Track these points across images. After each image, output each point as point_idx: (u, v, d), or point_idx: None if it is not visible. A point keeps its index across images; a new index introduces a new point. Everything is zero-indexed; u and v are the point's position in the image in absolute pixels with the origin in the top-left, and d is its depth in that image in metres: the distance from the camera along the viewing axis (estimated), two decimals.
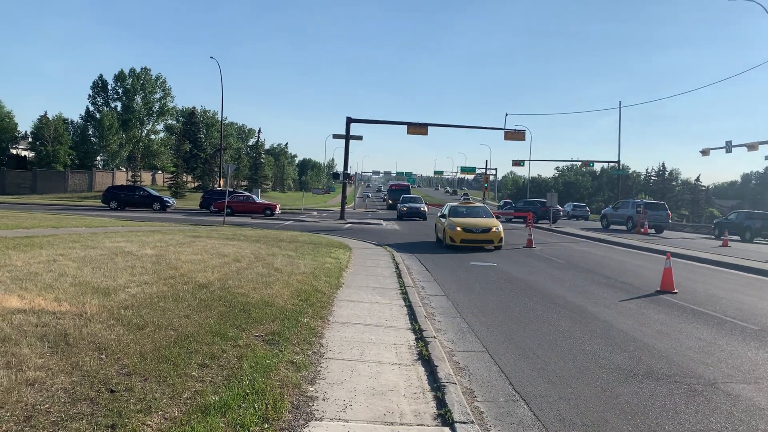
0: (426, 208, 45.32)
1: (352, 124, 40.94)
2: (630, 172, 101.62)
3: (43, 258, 10.67)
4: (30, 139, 67.21)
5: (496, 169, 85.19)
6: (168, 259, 11.73)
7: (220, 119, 71.30)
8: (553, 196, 42.89)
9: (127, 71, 78.88)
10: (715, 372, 6.67)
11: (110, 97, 79.11)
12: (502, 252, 20.37)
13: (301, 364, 5.85)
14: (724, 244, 28.35)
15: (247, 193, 46.90)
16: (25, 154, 68.33)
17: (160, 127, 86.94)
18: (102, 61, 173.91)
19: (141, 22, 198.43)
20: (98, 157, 76.00)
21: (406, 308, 9.51)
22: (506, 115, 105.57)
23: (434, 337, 7.52)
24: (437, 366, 6.18)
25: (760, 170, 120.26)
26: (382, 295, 10.62)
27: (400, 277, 12.98)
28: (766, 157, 50.19)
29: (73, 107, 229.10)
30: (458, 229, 20.37)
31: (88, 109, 75.54)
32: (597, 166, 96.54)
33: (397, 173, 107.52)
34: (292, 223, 33.73)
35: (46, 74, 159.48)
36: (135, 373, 4.85)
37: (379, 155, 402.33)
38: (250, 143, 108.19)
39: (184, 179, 69.17)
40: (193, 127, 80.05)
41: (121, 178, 66.74)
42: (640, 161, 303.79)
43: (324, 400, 5.01)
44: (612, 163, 66.75)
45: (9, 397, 4.06)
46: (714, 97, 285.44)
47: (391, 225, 35.15)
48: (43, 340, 5.36)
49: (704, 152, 43.44)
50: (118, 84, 78.76)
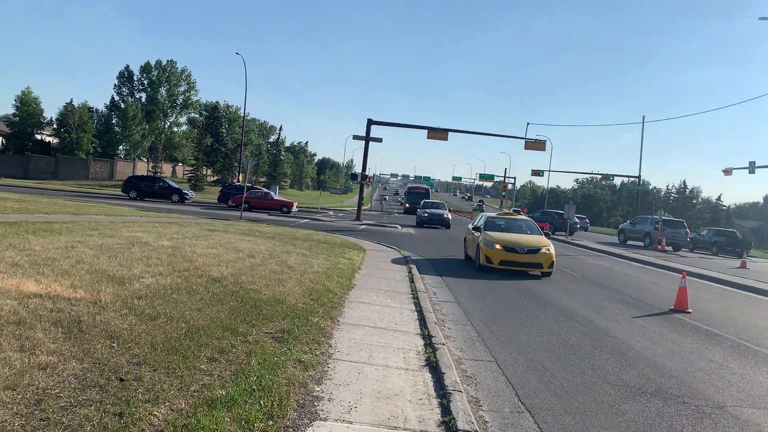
0: (450, 216, 40.94)
1: (373, 126, 41.00)
2: (650, 187, 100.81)
3: (61, 244, 10.82)
4: (55, 126, 68.06)
5: (514, 178, 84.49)
6: (183, 252, 11.84)
7: (242, 115, 71.68)
8: (571, 208, 42.59)
9: (153, 63, 79.68)
10: (724, 395, 6.60)
11: (135, 88, 79.84)
12: None
13: (309, 364, 5.89)
14: (743, 266, 27.99)
15: (265, 190, 47.15)
16: (49, 140, 69.22)
17: (183, 119, 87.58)
18: (129, 52, 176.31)
19: (169, 15, 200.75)
20: (120, 147, 76.72)
21: (416, 313, 9.51)
22: (527, 124, 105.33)
23: (443, 344, 7.52)
24: (444, 373, 6.18)
25: None
26: (393, 298, 10.63)
27: (412, 281, 12.98)
28: None
29: (99, 96, 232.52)
30: (497, 247, 16.24)
31: (113, 98, 76.22)
32: (617, 180, 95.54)
33: (415, 177, 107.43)
34: (308, 222, 33.85)
35: (74, 61, 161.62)
36: (145, 363, 4.92)
37: (398, 158, 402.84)
38: (271, 140, 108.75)
39: (204, 173, 69.64)
40: (215, 121, 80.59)
41: (142, 168, 67.40)
42: (661, 177, 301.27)
43: (329, 401, 5.04)
44: (632, 178, 66.15)
45: (21, 379, 4.14)
46: (739, 116, 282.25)
47: (407, 230, 35.08)
48: (57, 326, 5.45)
49: (727, 171, 42.97)
50: (144, 75, 79.45)
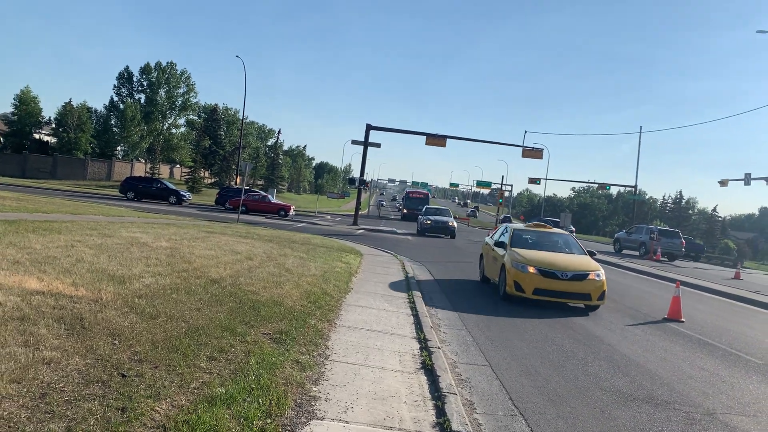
0: (455, 223, 37.79)
1: (372, 131, 41.14)
2: (646, 197, 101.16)
3: (61, 243, 10.90)
4: (53, 125, 68.06)
5: (511, 186, 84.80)
6: (182, 253, 11.93)
7: (241, 118, 71.86)
8: (567, 217, 42.83)
9: (153, 64, 79.79)
10: (714, 402, 6.71)
11: (135, 89, 79.91)
12: None
13: (306, 365, 5.98)
14: (736, 276, 28.17)
15: (263, 193, 47.24)
16: (47, 139, 69.15)
17: (182, 121, 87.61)
18: (128, 53, 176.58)
19: (169, 17, 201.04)
20: (118, 147, 76.68)
21: (412, 317, 9.61)
22: (525, 132, 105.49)
23: (438, 348, 7.62)
24: (439, 376, 6.28)
25: None
26: (390, 302, 10.73)
27: (409, 286, 13.07)
28: None
29: (98, 96, 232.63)
30: (531, 270, 12.14)
31: (112, 99, 76.21)
32: (613, 190, 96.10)
33: (413, 182, 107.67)
34: (306, 226, 33.94)
35: (74, 61, 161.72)
36: (146, 360, 5.01)
37: (396, 163, 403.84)
38: (269, 143, 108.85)
39: (201, 174, 69.75)
40: (213, 123, 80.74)
41: (140, 169, 67.40)
42: (658, 187, 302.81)
43: (326, 401, 5.13)
44: (629, 188, 66.48)
45: (26, 373, 4.23)
46: (736, 128, 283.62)
47: (405, 236, 35.16)
48: (60, 322, 5.54)
49: (723, 183, 43.24)
50: (143, 76, 79.53)
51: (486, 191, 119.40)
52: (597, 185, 74.92)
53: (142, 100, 79.11)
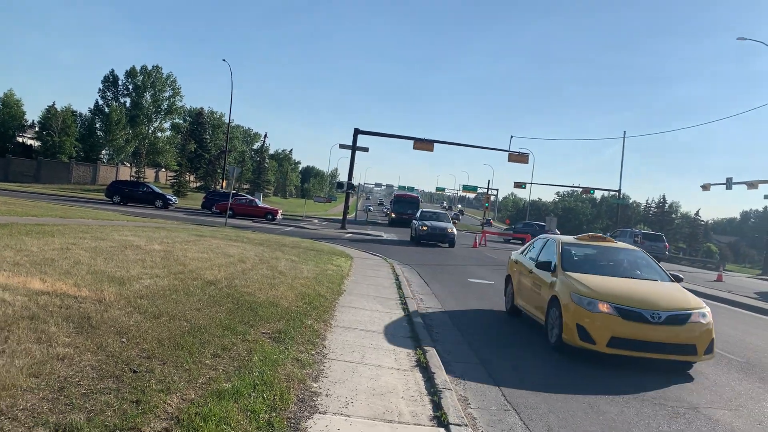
0: (455, 230, 31.96)
1: (359, 135, 41.37)
2: (630, 201, 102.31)
3: (56, 246, 10.99)
4: (37, 129, 67.62)
5: (497, 190, 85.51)
6: (176, 255, 12.06)
7: (227, 121, 71.86)
8: (553, 220, 43.37)
9: (138, 68, 79.31)
10: (698, 398, 6.99)
11: (120, 93, 79.40)
12: (499, 270, 20.58)
13: (306, 362, 6.17)
14: (719, 279, 28.71)
15: (250, 197, 47.31)
16: (31, 143, 68.70)
17: (167, 125, 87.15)
18: (113, 56, 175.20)
19: (155, 20, 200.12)
20: (103, 151, 76.27)
21: (405, 318, 9.82)
22: (511, 137, 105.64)
23: (432, 347, 7.84)
24: (434, 373, 6.50)
25: (760, 209, 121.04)
26: (382, 304, 10.93)
27: (400, 288, 13.29)
28: (766, 196, 50.33)
29: (83, 100, 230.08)
30: (604, 308, 8.15)
31: (97, 102, 75.78)
32: (597, 194, 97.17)
33: (399, 186, 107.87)
34: (293, 230, 34.06)
35: (58, 64, 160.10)
36: (154, 357, 5.18)
37: (382, 168, 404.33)
38: (255, 147, 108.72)
39: (187, 178, 69.55)
40: (199, 127, 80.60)
41: (125, 173, 67.18)
42: (641, 192, 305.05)
43: (327, 396, 5.32)
44: (613, 192, 67.16)
45: (43, 368, 4.39)
46: (718, 133, 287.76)
47: (390, 235, 35.38)
48: (68, 321, 5.69)
49: (705, 187, 43.96)
50: (129, 80, 79.07)
51: (472, 195, 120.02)
52: (581, 189, 75.82)
53: (128, 104, 78.67)
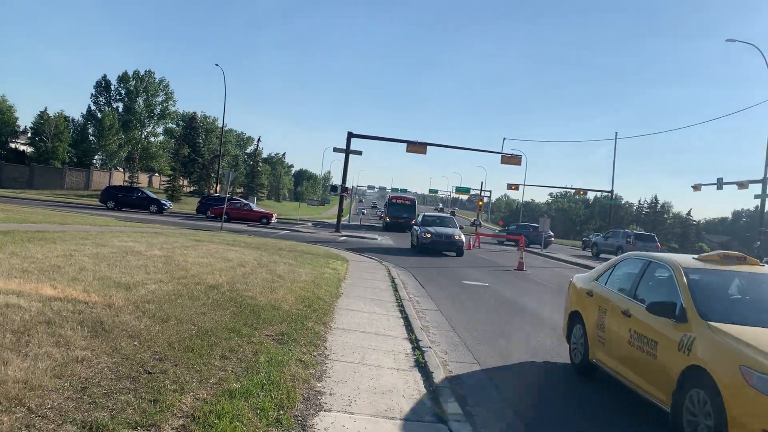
0: (463, 237, 28.15)
1: (353, 139, 41.65)
2: (623, 202, 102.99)
3: (59, 252, 11.20)
4: (30, 135, 67.46)
5: (490, 191, 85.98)
6: (176, 261, 12.29)
7: (220, 126, 72.04)
8: (546, 222, 43.65)
9: (130, 73, 79.35)
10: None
11: (112, 98, 79.42)
12: (493, 272, 20.96)
13: (309, 363, 6.43)
14: None
15: (245, 201, 47.46)
16: (23, 148, 68.55)
17: (160, 130, 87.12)
18: (105, 61, 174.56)
19: (147, 25, 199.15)
20: (96, 156, 76.29)
21: (402, 320, 10.09)
22: (504, 139, 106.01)
23: (429, 347, 8.11)
24: (433, 372, 6.77)
25: (750, 208, 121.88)
26: (380, 306, 11.19)
27: (396, 290, 13.56)
28: (756, 196, 50.79)
29: (75, 105, 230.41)
30: None
31: (89, 108, 75.83)
32: (590, 195, 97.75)
33: (392, 189, 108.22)
34: (288, 233, 34.26)
35: (50, 69, 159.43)
36: (166, 359, 5.42)
37: (375, 170, 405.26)
38: (248, 151, 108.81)
39: (181, 183, 69.61)
40: (192, 131, 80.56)
41: (119, 178, 67.14)
42: (633, 192, 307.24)
43: (331, 395, 5.58)
44: (605, 193, 67.67)
45: (65, 370, 4.64)
46: (709, 134, 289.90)
47: (385, 238, 35.62)
48: (83, 326, 5.92)
49: (696, 187, 44.50)
50: (122, 85, 79.10)
51: (465, 197, 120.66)
52: (574, 190, 76.30)
53: (120, 109, 78.69)
